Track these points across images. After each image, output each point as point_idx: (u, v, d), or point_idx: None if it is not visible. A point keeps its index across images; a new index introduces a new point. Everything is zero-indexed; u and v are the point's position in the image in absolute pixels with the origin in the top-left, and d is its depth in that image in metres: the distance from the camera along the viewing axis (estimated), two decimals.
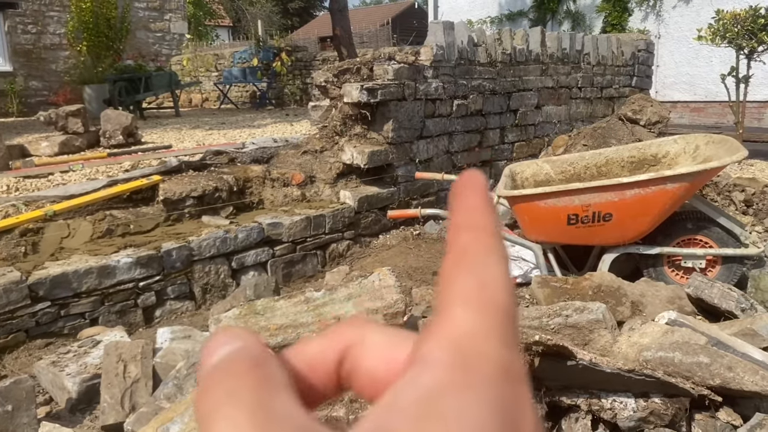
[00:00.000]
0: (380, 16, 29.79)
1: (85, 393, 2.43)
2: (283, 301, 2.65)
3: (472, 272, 0.24)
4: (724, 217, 3.32)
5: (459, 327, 0.22)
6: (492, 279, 0.24)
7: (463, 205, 0.27)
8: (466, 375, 0.21)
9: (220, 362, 0.24)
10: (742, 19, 7.17)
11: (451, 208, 0.27)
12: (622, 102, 7.36)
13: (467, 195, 0.27)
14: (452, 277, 0.24)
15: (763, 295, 3.03)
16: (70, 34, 11.35)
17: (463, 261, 0.24)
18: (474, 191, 0.27)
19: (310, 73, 11.70)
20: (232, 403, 0.22)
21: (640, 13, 13.46)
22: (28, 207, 3.73)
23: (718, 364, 1.88)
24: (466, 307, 0.23)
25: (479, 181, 0.28)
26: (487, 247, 0.25)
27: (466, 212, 0.26)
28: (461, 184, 0.28)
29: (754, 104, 11.38)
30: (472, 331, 0.22)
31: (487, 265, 0.24)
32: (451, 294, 0.24)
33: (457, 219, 0.26)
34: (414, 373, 0.22)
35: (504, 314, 0.23)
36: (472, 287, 0.23)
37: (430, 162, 5.17)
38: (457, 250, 0.25)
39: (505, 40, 5.81)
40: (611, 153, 3.98)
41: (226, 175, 4.38)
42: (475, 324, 0.22)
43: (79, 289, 3.21)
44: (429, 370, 0.21)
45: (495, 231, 0.26)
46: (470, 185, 0.27)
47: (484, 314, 0.23)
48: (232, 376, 0.23)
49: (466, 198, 0.27)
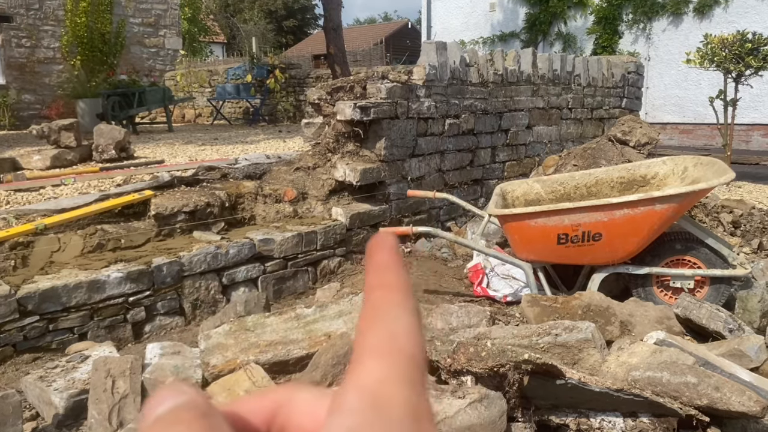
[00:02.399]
0: (374, 35, 30.02)
1: (73, 409, 2.41)
2: (273, 317, 2.65)
3: (382, 325, 0.26)
4: (712, 238, 3.35)
5: (370, 375, 0.25)
6: (401, 330, 0.26)
7: (375, 264, 0.29)
8: (379, 416, 0.23)
9: (166, 412, 0.25)
10: (730, 44, 7.29)
11: (365, 267, 0.30)
12: (612, 123, 7.44)
13: (379, 254, 0.29)
14: (364, 330, 0.27)
15: (751, 316, 3.06)
16: (64, 48, 11.39)
17: (374, 316, 0.27)
18: (384, 251, 0.30)
19: (303, 91, 11.77)
20: None
21: (630, 36, 13.66)
22: (18, 220, 3.72)
23: (705, 384, 1.89)
24: (376, 357, 0.25)
25: (390, 241, 0.30)
26: (396, 303, 0.27)
27: (377, 271, 0.29)
28: (373, 245, 0.30)
29: (741, 127, 11.54)
30: (382, 378, 0.24)
31: (396, 318, 0.27)
32: (364, 346, 0.26)
33: (369, 278, 0.29)
34: (332, 420, 0.24)
35: (411, 361, 0.25)
36: (382, 339, 0.26)
37: (422, 180, 5.20)
38: (369, 307, 0.27)
39: (496, 61, 5.88)
40: (601, 173, 4.02)
41: (218, 191, 4.39)
42: (384, 371, 0.25)
43: (69, 303, 3.20)
44: (345, 416, 0.24)
45: (404, 287, 0.28)
46: (381, 245, 0.30)
47: (393, 362, 0.25)
48: (180, 424, 0.24)
49: (378, 257, 0.29)
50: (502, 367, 1.81)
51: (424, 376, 0.25)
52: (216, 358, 2.37)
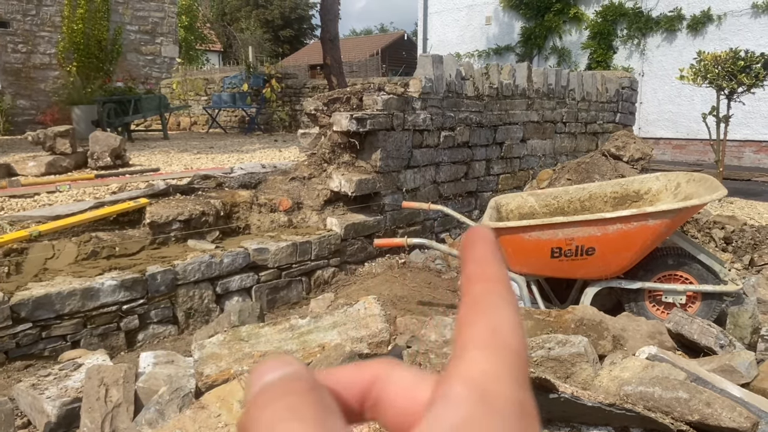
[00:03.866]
0: (370, 47, 30.16)
1: (65, 417, 2.40)
2: (267, 327, 2.65)
3: (485, 318, 0.26)
4: (704, 254, 3.38)
5: (476, 367, 0.24)
6: (503, 324, 0.26)
7: (473, 256, 0.29)
8: (487, 410, 0.23)
9: (276, 381, 0.26)
10: (723, 61, 7.36)
11: (462, 259, 0.30)
12: (605, 137, 7.50)
13: (477, 247, 0.29)
14: (467, 323, 0.26)
15: (742, 332, 3.08)
16: (60, 55, 11.39)
17: (476, 308, 0.27)
18: (483, 244, 0.29)
19: (299, 100, 11.81)
20: (295, 418, 0.23)
21: (624, 51, 13.78)
22: (12, 227, 3.71)
23: (696, 399, 1.91)
24: (481, 350, 0.25)
25: (487, 234, 0.30)
26: (498, 295, 0.27)
27: (476, 263, 0.29)
28: (471, 238, 0.30)
29: (734, 143, 11.64)
30: (489, 371, 0.24)
31: (498, 312, 0.26)
32: (467, 338, 0.26)
33: (468, 270, 0.29)
34: (439, 409, 0.24)
35: (516, 356, 0.25)
36: (485, 332, 0.26)
37: (416, 191, 5.22)
38: (470, 299, 0.27)
39: (492, 75, 5.93)
40: (594, 188, 4.05)
41: (213, 200, 4.39)
42: (491, 365, 0.24)
43: (62, 311, 3.19)
44: (453, 406, 0.23)
45: (504, 280, 0.28)
46: (479, 238, 0.30)
47: (498, 356, 0.25)
48: (293, 394, 0.25)
49: (476, 250, 0.29)
50: None
51: (527, 372, 0.25)
52: (210, 367, 2.37)
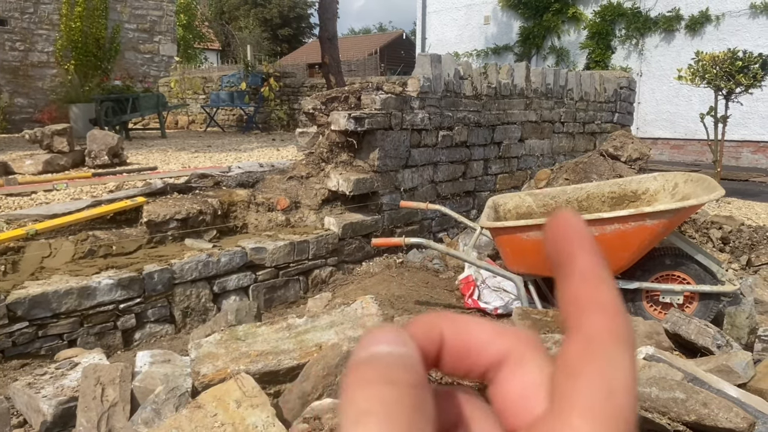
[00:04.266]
0: (368, 46, 30.15)
1: (61, 416, 2.39)
2: (264, 327, 2.65)
3: (598, 374, 0.22)
4: (701, 254, 3.38)
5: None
6: (621, 384, 0.22)
7: (580, 270, 0.24)
8: None
9: (383, 356, 0.23)
10: (721, 61, 7.38)
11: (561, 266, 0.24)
12: (603, 137, 7.50)
13: (581, 255, 0.24)
14: (577, 371, 0.22)
15: (739, 332, 3.08)
16: (58, 53, 11.37)
17: (590, 353, 0.22)
18: (587, 249, 0.24)
19: (297, 99, 11.80)
20: (386, 418, 0.21)
21: (623, 51, 13.80)
22: (9, 225, 3.70)
23: (693, 400, 1.91)
24: (587, 418, 0.21)
25: (582, 229, 0.24)
26: (616, 337, 0.22)
27: (587, 282, 0.23)
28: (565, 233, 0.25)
29: (731, 143, 11.65)
30: None
31: (615, 364, 0.22)
32: (574, 393, 0.22)
33: (577, 291, 0.24)
34: None
35: (625, 427, 0.21)
36: (596, 394, 0.21)
37: (414, 191, 5.22)
38: (584, 338, 0.23)
39: (490, 74, 5.93)
40: (592, 188, 4.05)
41: (210, 199, 4.38)
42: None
43: (59, 309, 3.18)
44: None
45: (624, 313, 0.23)
46: (579, 238, 0.24)
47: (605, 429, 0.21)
48: (392, 384, 0.22)
49: (582, 260, 0.24)
50: None
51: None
52: (206, 367, 2.36)
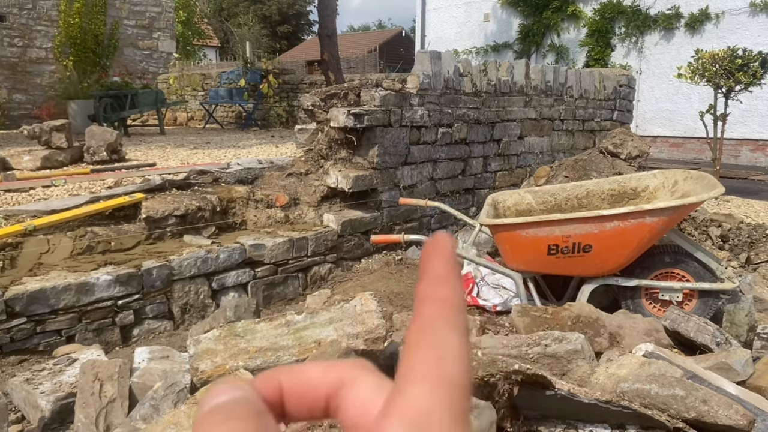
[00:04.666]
0: (368, 43, 30.12)
1: (59, 412, 2.39)
2: (263, 323, 2.64)
3: (431, 347, 0.25)
4: (701, 252, 3.38)
5: (413, 404, 0.24)
6: (450, 355, 0.25)
7: (429, 273, 0.28)
8: None
9: (222, 404, 0.26)
10: (720, 59, 7.37)
11: (420, 272, 0.28)
12: (603, 135, 7.50)
13: (434, 262, 0.28)
14: (413, 350, 0.25)
15: (738, 330, 3.08)
16: (57, 49, 11.34)
17: (423, 334, 0.26)
18: (441, 259, 0.28)
19: (296, 96, 11.78)
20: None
21: (622, 49, 13.79)
22: (7, 221, 3.69)
23: (693, 397, 1.91)
24: (421, 384, 0.24)
25: (447, 247, 0.29)
26: (448, 322, 0.26)
27: (432, 282, 0.27)
28: (429, 249, 0.29)
29: (731, 141, 11.65)
30: (426, 409, 0.23)
31: (446, 340, 0.25)
32: (410, 369, 0.25)
33: (422, 289, 0.27)
34: None
35: (458, 389, 0.24)
36: (429, 363, 0.25)
37: (414, 188, 5.21)
38: (420, 323, 0.26)
39: (490, 71, 5.92)
40: (592, 185, 4.04)
41: (209, 195, 4.37)
42: (428, 401, 0.24)
43: (57, 305, 3.17)
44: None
45: (458, 304, 0.27)
46: (438, 251, 0.28)
47: (438, 391, 0.24)
48: (235, 419, 0.25)
49: (434, 265, 0.28)
50: (493, 377, 1.82)
51: (468, 407, 0.25)
52: (205, 363, 2.36)
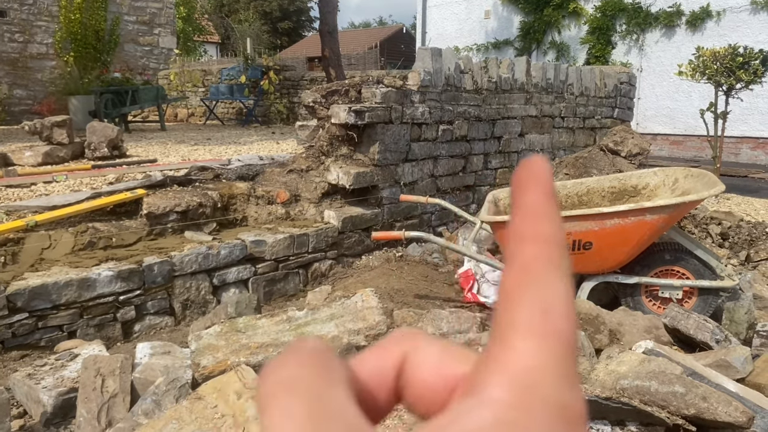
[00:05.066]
0: (368, 40, 30.09)
1: (61, 407, 2.40)
2: (265, 319, 2.65)
3: (535, 296, 0.22)
4: (701, 250, 3.39)
5: (520, 362, 0.21)
6: (556, 304, 0.22)
7: (525, 205, 0.24)
8: (524, 417, 0.20)
9: (285, 353, 0.25)
10: (721, 57, 7.37)
11: (513, 203, 0.25)
12: (603, 132, 7.50)
13: (531, 193, 0.25)
14: (515, 298, 0.23)
15: (737, 328, 3.09)
16: (57, 45, 11.33)
17: (526, 279, 0.23)
18: (538, 188, 0.25)
19: (297, 93, 11.77)
20: (290, 391, 0.22)
21: (623, 47, 13.77)
22: (9, 217, 3.70)
23: (693, 394, 1.91)
24: (528, 339, 0.22)
25: (544, 172, 0.25)
26: (551, 264, 0.23)
27: (529, 216, 0.24)
28: (524, 175, 0.25)
29: (731, 139, 11.65)
30: (534, 368, 0.21)
31: (551, 287, 0.23)
32: (513, 319, 0.22)
33: (520, 225, 0.24)
34: (470, 405, 0.21)
35: (566, 346, 0.22)
36: (535, 313, 0.22)
37: (414, 185, 5.22)
38: (519, 265, 0.23)
39: (491, 68, 5.92)
40: (592, 183, 4.05)
41: (210, 191, 4.38)
42: (537, 359, 0.21)
43: (58, 301, 3.18)
44: (486, 407, 0.21)
45: (560, 241, 0.24)
46: (534, 179, 0.25)
47: (546, 348, 0.22)
48: (294, 365, 0.23)
49: (530, 197, 0.24)
50: None
51: (576, 363, 0.22)
52: (206, 358, 2.37)
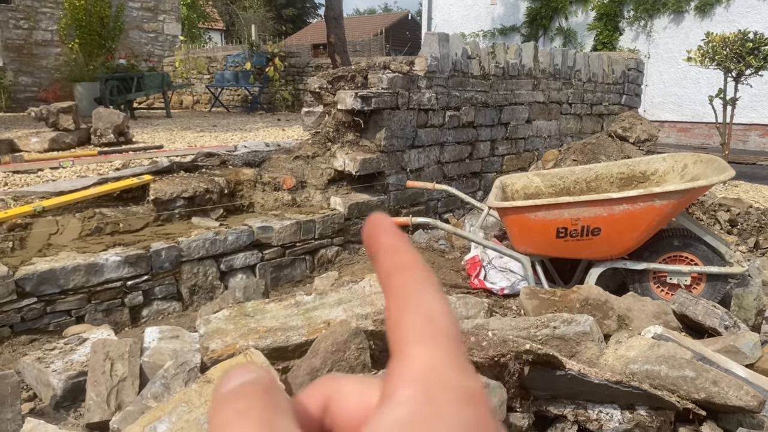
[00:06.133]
0: (374, 26, 29.93)
1: (71, 390, 2.41)
2: (273, 303, 2.65)
3: (416, 309, 0.25)
4: (709, 236, 3.37)
5: (418, 362, 0.24)
6: (435, 311, 0.25)
7: (383, 248, 0.28)
8: (433, 405, 0.22)
9: (234, 387, 0.26)
10: (731, 43, 7.30)
11: (372, 253, 0.29)
12: (611, 119, 7.46)
13: (384, 238, 0.28)
14: (400, 317, 0.25)
15: (746, 314, 3.08)
16: (62, 31, 11.30)
17: (404, 300, 0.26)
18: (387, 233, 0.29)
19: (302, 79, 11.73)
20: (241, 419, 0.24)
21: (630, 33, 13.66)
22: (16, 202, 3.70)
23: (703, 378, 1.91)
24: (419, 343, 0.24)
25: (387, 223, 0.29)
26: (420, 281, 0.26)
27: (387, 254, 0.28)
28: (370, 230, 0.29)
29: (740, 126, 11.57)
30: (431, 364, 0.23)
31: (427, 298, 0.26)
32: (403, 333, 0.25)
33: (384, 262, 0.28)
34: (384, 410, 0.23)
35: (453, 341, 0.24)
36: (420, 323, 0.25)
37: (421, 171, 5.20)
38: (395, 292, 0.26)
39: (498, 54, 5.87)
40: (601, 169, 4.03)
41: (217, 177, 4.38)
42: (432, 356, 0.24)
43: (66, 286, 3.19)
44: (399, 406, 0.23)
45: (421, 264, 0.27)
46: (380, 228, 0.29)
47: (437, 346, 0.24)
48: (243, 397, 0.25)
49: (384, 241, 0.28)
50: (503, 356, 1.82)
51: (466, 357, 0.24)
52: (215, 342, 2.37)
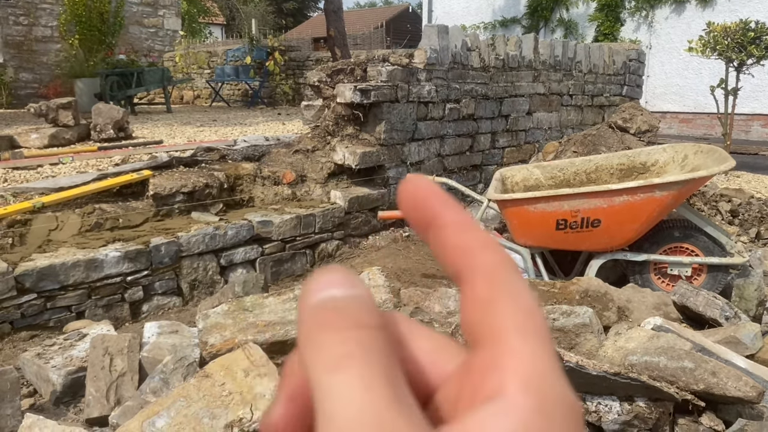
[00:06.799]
0: (374, 19, 29.82)
1: (70, 386, 2.41)
2: (272, 298, 2.65)
3: (513, 297, 0.23)
4: (710, 227, 3.36)
5: (527, 362, 0.21)
6: (533, 305, 0.23)
7: (452, 223, 0.25)
8: (546, 420, 0.20)
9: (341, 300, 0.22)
10: (732, 32, 7.26)
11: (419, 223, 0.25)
12: (612, 110, 7.43)
13: (447, 211, 0.25)
14: (493, 300, 0.23)
15: (747, 305, 3.07)
16: (62, 27, 11.28)
17: (497, 285, 0.23)
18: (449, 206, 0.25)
19: (302, 73, 11.70)
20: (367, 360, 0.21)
21: (632, 24, 13.59)
22: (16, 198, 3.71)
23: (702, 369, 1.90)
24: (523, 338, 0.22)
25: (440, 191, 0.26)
26: (509, 266, 0.24)
27: (462, 231, 0.25)
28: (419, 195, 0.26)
29: (741, 117, 11.52)
30: (542, 370, 0.21)
31: (521, 290, 0.23)
32: (499, 320, 0.22)
33: (456, 239, 0.24)
34: (493, 411, 0.21)
35: (551, 344, 0.22)
36: (519, 315, 0.22)
37: (421, 164, 5.19)
38: (484, 274, 0.23)
39: (498, 46, 5.85)
40: (601, 160, 4.01)
41: (216, 172, 4.37)
42: (541, 360, 0.21)
43: (66, 282, 3.19)
44: (512, 413, 0.20)
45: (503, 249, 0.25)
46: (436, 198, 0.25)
47: (543, 348, 0.22)
48: (362, 327, 0.22)
49: (450, 215, 0.25)
50: None
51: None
52: (214, 337, 2.37)
